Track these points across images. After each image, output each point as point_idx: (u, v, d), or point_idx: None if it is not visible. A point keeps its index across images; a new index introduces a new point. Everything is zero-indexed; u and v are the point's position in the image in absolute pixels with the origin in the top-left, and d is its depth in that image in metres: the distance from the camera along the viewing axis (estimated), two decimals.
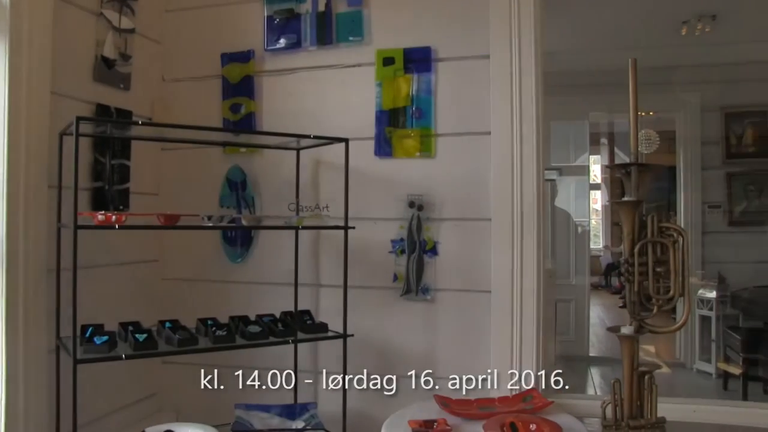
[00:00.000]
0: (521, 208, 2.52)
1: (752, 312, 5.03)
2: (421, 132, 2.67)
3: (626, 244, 1.90)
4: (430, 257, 2.65)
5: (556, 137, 6.74)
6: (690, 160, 5.63)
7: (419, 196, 2.65)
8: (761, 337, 4.93)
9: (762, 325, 4.93)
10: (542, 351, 2.55)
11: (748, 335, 4.96)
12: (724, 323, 5.33)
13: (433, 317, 2.66)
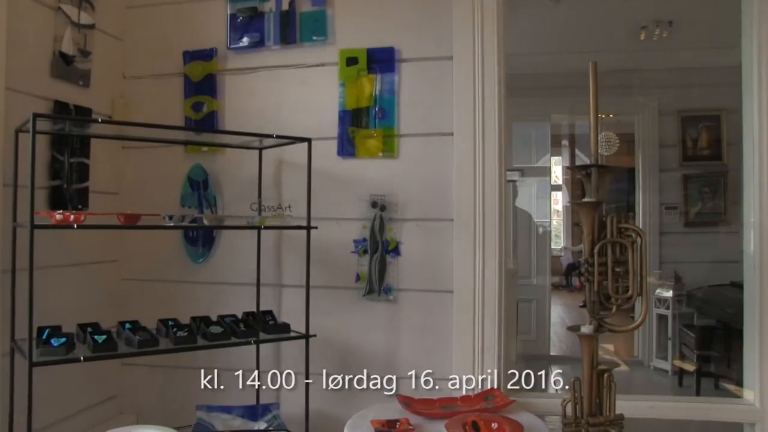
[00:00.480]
0: (483, 209, 2.53)
1: (706, 310, 5.13)
2: (384, 132, 2.66)
3: (586, 245, 1.91)
4: (393, 257, 2.65)
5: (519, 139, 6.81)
6: (648, 162, 5.72)
7: (382, 197, 2.64)
8: (714, 335, 5.04)
9: (715, 323, 5.03)
10: (504, 350, 2.56)
11: (702, 333, 5.07)
12: (680, 322, 5.44)
13: (395, 317, 2.65)
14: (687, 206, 5.64)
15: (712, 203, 5.61)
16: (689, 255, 5.54)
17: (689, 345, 5.17)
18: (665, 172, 5.68)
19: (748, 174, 2.49)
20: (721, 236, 5.52)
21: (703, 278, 5.33)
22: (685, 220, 5.62)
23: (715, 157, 5.61)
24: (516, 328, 5.06)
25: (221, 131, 2.76)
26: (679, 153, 5.66)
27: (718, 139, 5.59)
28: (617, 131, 6.44)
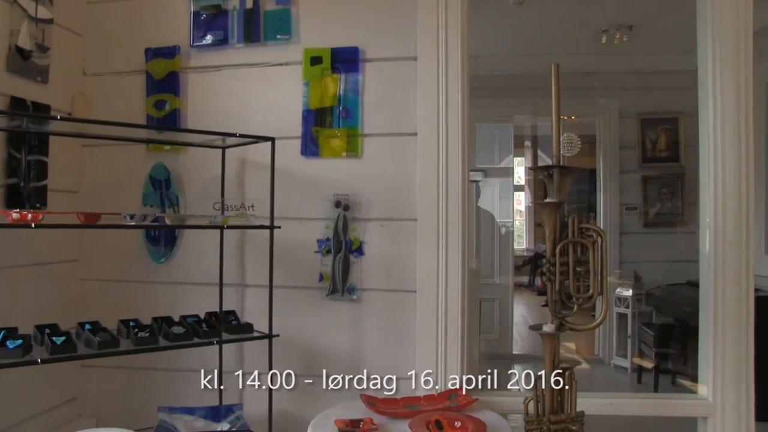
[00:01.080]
0: (446, 209, 2.54)
1: (664, 309, 5.22)
2: (348, 132, 2.65)
3: (548, 245, 1.93)
4: (356, 257, 2.64)
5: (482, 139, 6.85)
6: (609, 163, 5.80)
7: (345, 196, 2.64)
8: (671, 333, 5.13)
9: (672, 321, 5.12)
10: (467, 350, 2.58)
11: (660, 331, 5.16)
12: (639, 320, 5.52)
13: (359, 317, 2.65)
14: (646, 207, 5.73)
15: (670, 204, 5.71)
16: (648, 255, 5.62)
17: (648, 343, 5.25)
18: (625, 173, 5.76)
19: (704, 176, 2.54)
20: (678, 236, 5.62)
21: (662, 277, 5.42)
22: (644, 221, 5.71)
23: (673, 158, 5.71)
24: (479, 327, 5.09)
25: (184, 130, 2.73)
26: (639, 154, 5.75)
27: (676, 141, 5.69)
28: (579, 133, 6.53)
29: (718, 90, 2.50)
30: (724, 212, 2.48)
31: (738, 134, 2.48)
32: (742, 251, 2.46)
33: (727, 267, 2.47)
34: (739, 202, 2.47)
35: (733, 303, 2.46)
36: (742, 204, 2.47)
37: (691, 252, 2.85)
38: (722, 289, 2.47)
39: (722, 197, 2.48)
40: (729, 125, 2.48)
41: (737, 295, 2.46)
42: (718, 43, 2.50)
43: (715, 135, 2.49)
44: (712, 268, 2.48)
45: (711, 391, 2.49)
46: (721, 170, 2.48)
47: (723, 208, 2.48)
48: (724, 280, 2.47)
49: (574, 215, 1.92)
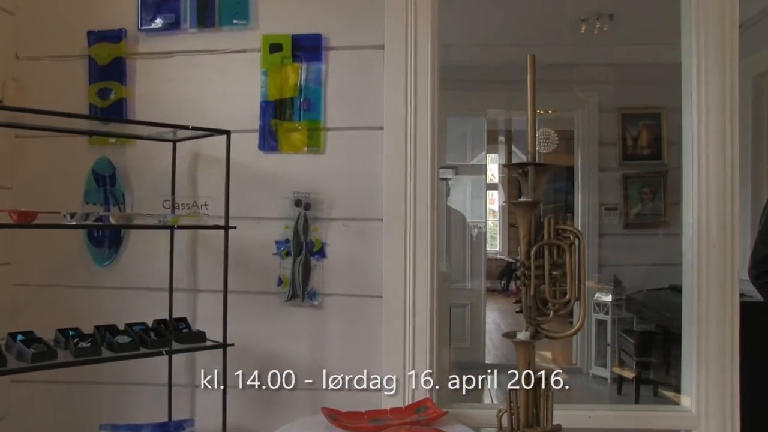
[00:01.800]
0: (414, 208, 2.55)
1: (645, 315, 5.28)
2: (310, 125, 2.65)
3: (522, 247, 1.95)
4: (318, 260, 2.64)
5: (453, 134, 6.87)
6: (588, 160, 5.86)
7: (306, 194, 2.63)
8: (653, 341, 5.20)
9: (654, 328, 5.19)
10: (436, 359, 2.59)
11: (641, 338, 5.22)
12: (619, 327, 5.58)
13: (321, 324, 2.65)
14: (627, 207, 5.80)
15: (651, 204, 5.78)
16: (629, 258, 5.69)
17: (628, 351, 5.32)
18: (605, 171, 5.83)
19: (688, 174, 2.58)
20: (660, 238, 5.70)
21: (643, 282, 5.48)
22: (624, 222, 5.78)
23: (655, 156, 5.78)
24: (449, 334, 5.11)
25: (131, 121, 2.70)
26: (619, 151, 5.81)
27: (658, 137, 5.76)
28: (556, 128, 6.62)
29: (702, 84, 2.54)
30: (707, 213, 2.52)
31: (723, 131, 2.53)
32: (727, 254, 2.51)
33: (711, 270, 2.51)
34: (723, 202, 2.51)
35: (718, 308, 2.50)
36: (726, 204, 2.52)
37: (674, 255, 2.89)
38: (706, 293, 2.51)
39: (706, 197, 2.52)
40: (713, 122, 2.53)
41: (721, 300, 2.50)
42: (702, 35, 2.55)
43: (699, 132, 2.54)
44: (695, 271, 2.53)
45: (694, 402, 2.54)
46: (704, 169, 2.53)
47: (706, 208, 2.52)
48: (707, 285, 2.51)
49: (550, 216, 1.94)
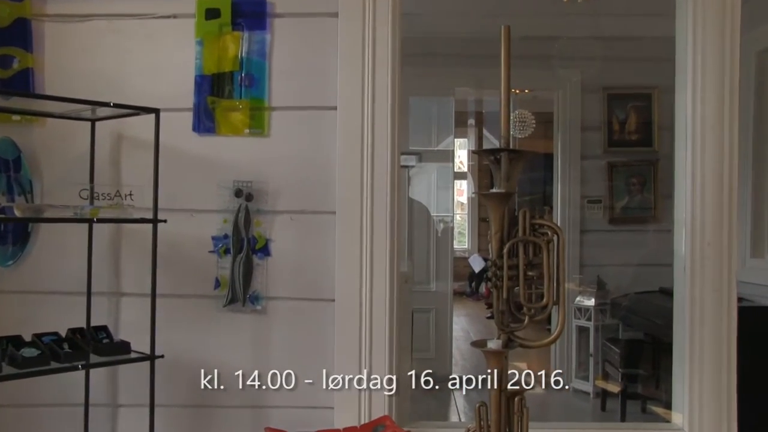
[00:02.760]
0: (372, 200, 2.55)
1: (632, 322, 5.33)
2: (252, 104, 2.64)
3: (494, 244, 1.96)
4: (261, 258, 2.63)
5: (416, 116, 6.87)
6: (569, 147, 5.90)
7: (248, 183, 2.62)
8: (641, 350, 5.26)
9: (642, 337, 5.25)
10: (396, 371, 2.59)
11: (628, 348, 5.28)
12: (603, 335, 5.63)
13: (264, 332, 2.65)
14: (612, 200, 5.85)
15: (640, 196, 5.84)
16: (614, 257, 5.74)
17: (613, 362, 5.38)
18: (588, 159, 5.88)
19: (681, 163, 2.62)
20: (650, 235, 5.76)
21: (630, 284, 5.53)
22: (609, 216, 5.84)
23: (644, 142, 5.84)
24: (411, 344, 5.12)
25: (40, 96, 2.65)
26: (604, 137, 5.86)
27: (648, 121, 5.82)
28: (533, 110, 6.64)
29: (698, 61, 2.57)
30: (702, 207, 2.56)
31: (721, 114, 2.56)
32: (724, 253, 2.55)
33: (706, 272, 2.55)
34: (720, 194, 2.55)
35: (713, 315, 2.54)
36: (724, 197, 2.55)
37: (665, 254, 2.93)
38: (700, 298, 2.55)
39: (701, 189, 2.56)
40: (711, 104, 2.56)
41: (717, 305, 2.54)
42: (700, 5, 2.58)
43: (694, 115, 2.57)
44: (689, 273, 2.56)
45: (687, 419, 2.58)
46: (700, 157, 2.56)
47: (702, 201, 2.56)
48: (702, 287, 2.55)
49: (525, 209, 1.95)
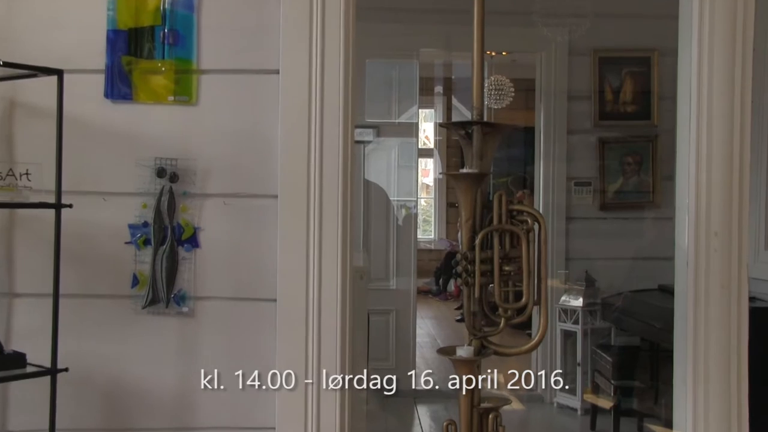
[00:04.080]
0: (320, 182, 2.54)
1: (627, 325, 5.37)
2: (177, 65, 2.62)
3: (464, 233, 1.96)
4: (189, 250, 2.62)
5: (374, 82, 6.86)
6: (553, 119, 5.94)
7: (173, 161, 2.60)
8: (637, 359, 5.31)
9: (639, 343, 5.31)
10: (349, 384, 2.60)
11: (621, 356, 5.33)
12: (593, 341, 5.68)
13: (192, 338, 2.63)
14: (604, 182, 5.90)
15: (636, 178, 5.89)
16: (606, 249, 5.79)
17: (605, 373, 5.43)
18: (576, 133, 5.92)
19: (684, 139, 2.64)
20: (648, 223, 5.82)
21: (624, 281, 5.59)
22: (600, 201, 5.89)
23: (642, 114, 5.89)
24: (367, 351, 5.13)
25: None
26: (595, 108, 5.90)
27: (647, 90, 5.86)
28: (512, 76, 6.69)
29: (706, 18, 2.58)
30: (708, 191, 2.58)
31: (731, 81, 2.58)
32: (733, 245, 2.57)
33: (713, 266, 2.57)
34: (730, 176, 2.57)
35: (721, 317, 2.57)
36: (734, 180, 2.57)
37: (665, 246, 2.96)
38: (705, 297, 2.57)
39: (707, 170, 2.58)
40: (720, 69, 2.58)
41: (726, 304, 2.57)
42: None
43: (700, 82, 2.59)
44: (692, 268, 2.58)
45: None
46: (706, 132, 2.58)
47: (708, 184, 2.58)
48: (707, 285, 2.57)
49: (501, 192, 1.96)
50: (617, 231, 5.83)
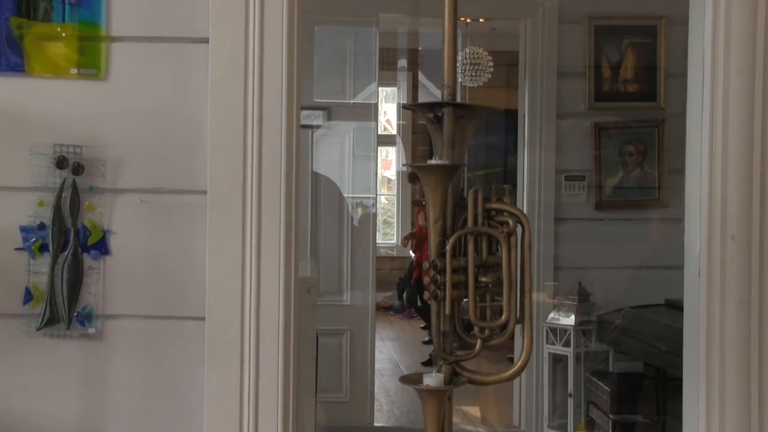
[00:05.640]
0: (259, 175, 2.53)
1: (627, 347, 5.41)
2: (82, 31, 2.60)
3: (433, 237, 1.96)
4: (97, 258, 2.60)
5: (324, 55, 6.87)
6: (540, 100, 5.97)
7: (77, 149, 2.58)
8: (639, 388, 5.35)
9: (641, 369, 5.34)
10: (294, 422, 2.59)
11: (621, 385, 5.37)
12: (587, 367, 5.72)
13: (100, 367, 2.62)
14: (600, 176, 5.93)
15: (639, 171, 5.94)
16: (603, 256, 5.83)
17: (601, 405, 5.46)
18: (567, 117, 5.95)
19: (695, 125, 2.65)
20: (653, 225, 5.87)
21: (624, 294, 5.63)
22: (596, 199, 5.93)
23: (646, 95, 5.93)
24: (315, 380, 5.13)
25: None
26: (590, 87, 5.94)
27: (652, 65, 5.91)
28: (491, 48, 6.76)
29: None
30: (725, 186, 2.59)
31: (752, 55, 2.59)
32: (753, 251, 2.59)
33: (730, 276, 2.58)
34: (749, 169, 2.59)
35: (739, 337, 2.58)
36: (755, 173, 2.58)
37: (673, 252, 2.98)
38: (721, 313, 2.58)
39: (723, 161, 2.59)
40: (738, 41, 2.59)
41: (745, 323, 2.58)
42: None
43: (715, 57, 2.60)
44: (705, 278, 2.60)
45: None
46: (722, 116, 2.59)
47: (724, 179, 2.59)
48: (723, 299, 2.58)
49: (477, 188, 1.96)
50: (616, 234, 5.86)
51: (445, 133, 1.98)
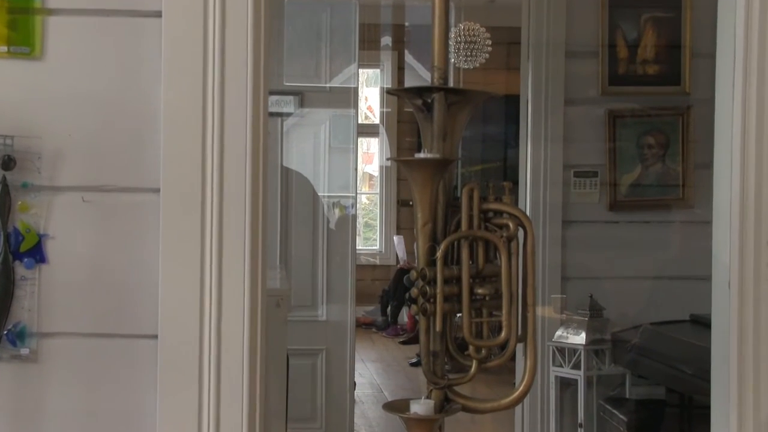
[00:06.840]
0: (220, 170, 2.53)
1: (646, 370, 5.42)
2: (12, 2, 2.59)
3: (421, 242, 1.97)
4: (30, 267, 2.59)
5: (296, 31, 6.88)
6: (546, 85, 5.97)
7: (7, 140, 2.58)
8: (661, 417, 5.36)
9: (663, 395, 5.35)
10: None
11: (640, 414, 5.38)
12: (600, 392, 5.73)
13: (34, 392, 2.61)
14: (615, 172, 5.94)
15: (660, 166, 5.94)
16: (618, 265, 5.84)
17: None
18: (577, 104, 5.96)
19: (725, 113, 2.66)
20: (676, 229, 5.89)
21: (643, 309, 5.64)
22: (611, 199, 5.94)
23: (668, 78, 5.94)
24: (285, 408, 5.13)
25: None
26: (604, 69, 5.95)
27: (675, 44, 5.92)
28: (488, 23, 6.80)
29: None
30: (759, 185, 2.60)
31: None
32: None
33: (764, 289, 2.59)
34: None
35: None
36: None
37: (699, 261, 2.99)
38: (755, 331, 2.59)
39: (757, 155, 2.60)
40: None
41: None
42: None
43: (749, 32, 2.61)
44: (736, 291, 2.60)
45: None
46: (756, 102, 2.60)
47: (758, 176, 2.60)
48: (757, 314, 2.59)
49: (472, 185, 1.97)
50: (633, 240, 5.86)
51: (435, 122, 1.98)
